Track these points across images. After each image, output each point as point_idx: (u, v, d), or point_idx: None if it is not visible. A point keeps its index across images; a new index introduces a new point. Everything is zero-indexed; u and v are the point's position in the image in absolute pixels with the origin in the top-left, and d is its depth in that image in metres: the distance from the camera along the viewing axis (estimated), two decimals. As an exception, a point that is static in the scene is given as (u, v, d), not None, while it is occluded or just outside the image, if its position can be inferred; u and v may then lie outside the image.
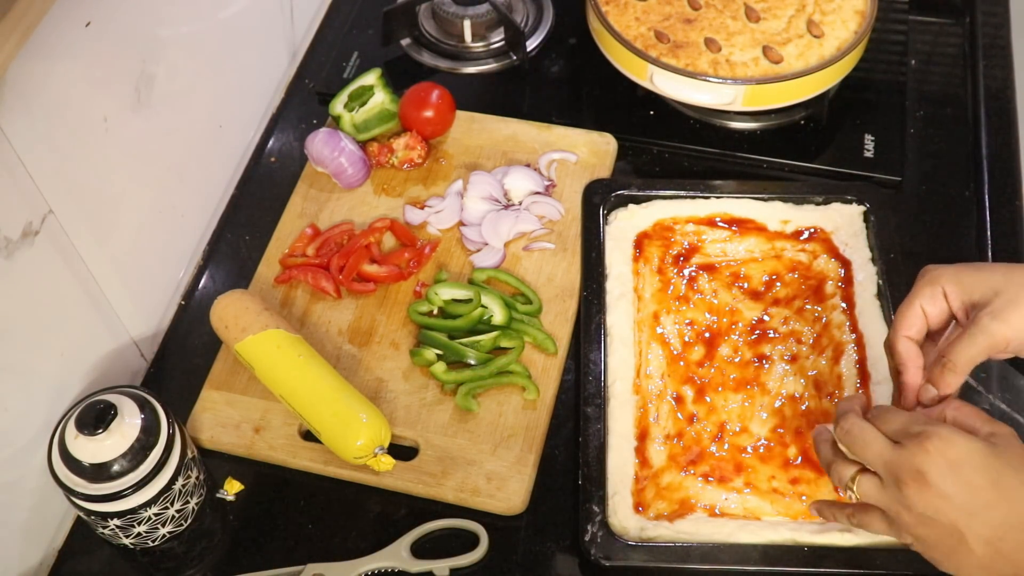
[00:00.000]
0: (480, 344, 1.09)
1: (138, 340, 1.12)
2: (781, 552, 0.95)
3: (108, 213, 1.04)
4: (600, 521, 0.97)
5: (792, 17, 1.27)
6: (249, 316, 1.07)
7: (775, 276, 1.15)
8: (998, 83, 1.36)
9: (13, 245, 0.90)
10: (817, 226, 1.18)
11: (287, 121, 1.36)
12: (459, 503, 1.01)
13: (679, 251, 1.17)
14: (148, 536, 0.98)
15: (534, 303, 1.14)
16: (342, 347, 1.12)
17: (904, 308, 0.88)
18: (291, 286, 1.17)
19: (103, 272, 1.04)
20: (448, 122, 1.29)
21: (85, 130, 0.98)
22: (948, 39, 1.43)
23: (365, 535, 1.01)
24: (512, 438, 1.05)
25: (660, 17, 1.29)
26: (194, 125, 1.19)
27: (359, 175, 1.24)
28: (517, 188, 1.24)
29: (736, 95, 1.22)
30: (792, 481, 1.01)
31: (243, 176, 1.30)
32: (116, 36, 1.00)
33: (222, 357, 1.11)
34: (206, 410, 1.07)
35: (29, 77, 0.88)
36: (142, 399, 0.95)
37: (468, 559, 0.98)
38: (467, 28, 1.39)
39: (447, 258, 1.19)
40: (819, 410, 1.05)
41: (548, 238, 1.20)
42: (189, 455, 0.98)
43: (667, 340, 1.11)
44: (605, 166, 1.27)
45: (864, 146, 1.28)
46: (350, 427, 0.99)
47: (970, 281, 0.85)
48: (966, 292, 0.85)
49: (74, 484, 0.91)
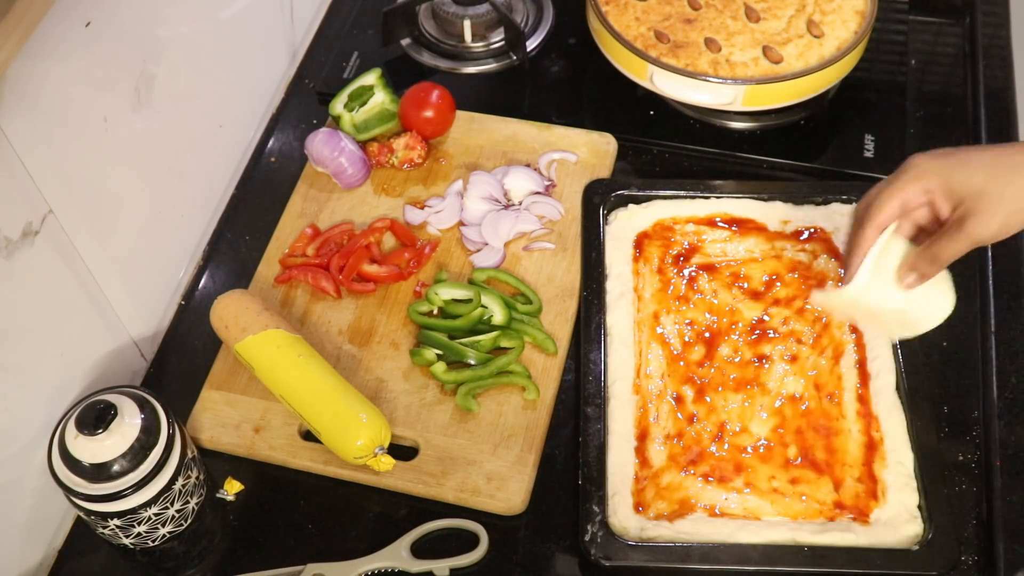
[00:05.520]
0: (480, 344, 1.09)
1: (138, 340, 1.12)
2: (781, 552, 0.95)
3: (108, 213, 1.04)
4: (600, 521, 0.97)
5: (792, 17, 1.27)
6: (249, 316, 1.07)
7: (775, 276, 1.15)
8: (998, 83, 1.36)
9: (13, 245, 0.90)
10: (817, 226, 1.18)
11: (287, 121, 1.36)
12: (459, 503, 1.01)
13: (679, 251, 1.17)
14: (148, 536, 0.98)
15: (534, 303, 1.14)
16: (342, 347, 1.12)
17: (885, 199, 0.88)
18: (291, 286, 1.17)
19: (103, 272, 1.04)
20: (448, 122, 1.29)
21: (85, 130, 0.98)
22: (948, 39, 1.43)
23: (365, 535, 1.01)
24: (512, 438, 1.05)
25: (660, 17, 1.29)
26: (194, 125, 1.19)
27: (359, 175, 1.24)
28: (517, 188, 1.24)
29: (736, 95, 1.22)
30: (792, 481, 1.01)
31: (243, 176, 1.30)
32: (116, 36, 1.00)
33: (222, 357, 1.11)
34: (206, 410, 1.07)
35: (29, 77, 0.88)
36: (142, 399, 0.95)
37: (468, 559, 0.98)
38: (467, 28, 1.39)
39: (447, 258, 1.19)
40: (819, 410, 1.05)
41: (548, 238, 1.20)
42: (189, 455, 0.98)
43: (667, 340, 1.11)
44: (605, 166, 1.27)
45: (864, 146, 1.28)
46: (350, 427, 0.99)
47: (957, 180, 0.85)
48: (952, 191, 0.86)
49: (74, 484, 0.91)
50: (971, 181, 0.84)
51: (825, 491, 1.00)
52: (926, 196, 0.87)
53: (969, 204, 0.85)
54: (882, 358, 1.07)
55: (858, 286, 0.95)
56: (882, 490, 0.99)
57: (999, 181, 0.84)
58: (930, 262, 0.88)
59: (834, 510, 0.99)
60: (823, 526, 0.97)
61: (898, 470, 1.00)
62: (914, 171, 0.87)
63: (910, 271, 0.90)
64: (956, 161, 0.86)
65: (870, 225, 0.89)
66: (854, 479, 1.00)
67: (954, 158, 0.86)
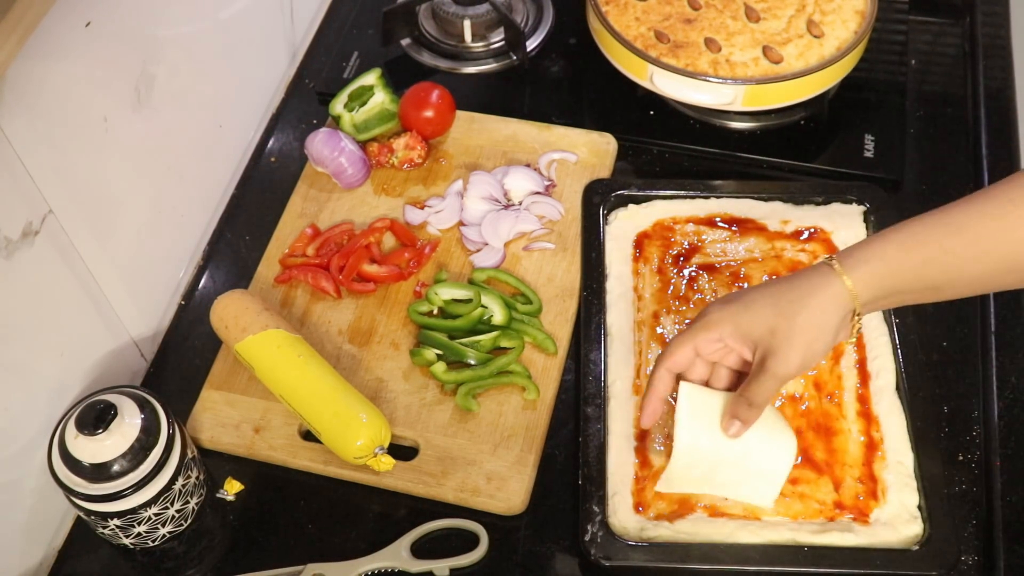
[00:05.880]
0: (480, 344, 1.09)
1: (138, 340, 1.12)
2: (781, 552, 0.95)
3: (108, 213, 1.04)
4: (600, 521, 0.97)
5: (792, 17, 1.27)
6: (249, 316, 1.07)
7: (775, 276, 1.15)
8: (998, 83, 1.36)
9: (13, 245, 0.90)
10: (817, 226, 1.18)
11: (287, 121, 1.36)
12: (459, 503, 1.01)
13: (679, 251, 1.17)
14: (148, 536, 0.98)
15: (534, 303, 1.14)
16: (342, 347, 1.12)
17: (676, 345, 0.90)
18: (291, 286, 1.17)
19: (103, 272, 1.04)
20: (448, 122, 1.29)
21: (85, 130, 0.98)
22: (948, 39, 1.43)
23: (365, 535, 1.01)
24: (512, 438, 1.05)
25: (660, 17, 1.29)
26: (194, 125, 1.19)
27: (359, 175, 1.24)
28: (517, 188, 1.24)
29: (736, 95, 1.22)
30: (792, 481, 1.00)
31: (243, 176, 1.30)
32: (116, 36, 1.00)
33: (222, 357, 1.11)
34: (206, 410, 1.07)
35: (29, 77, 0.88)
36: (142, 399, 0.95)
37: (468, 559, 0.98)
38: (467, 28, 1.39)
39: (447, 258, 1.19)
40: (819, 410, 1.05)
41: (548, 238, 1.20)
42: (189, 455, 0.98)
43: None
44: (605, 166, 1.27)
45: (864, 146, 1.28)
46: (350, 427, 0.99)
47: (746, 323, 0.87)
48: (744, 335, 0.88)
49: (74, 484, 0.91)
50: (758, 321, 0.86)
51: (825, 491, 1.00)
52: (720, 343, 0.89)
53: (764, 344, 0.86)
54: (882, 358, 1.07)
55: (680, 448, 0.94)
56: (882, 490, 0.99)
57: (784, 317, 0.85)
58: (747, 407, 0.90)
59: (834, 510, 0.99)
60: (823, 526, 0.97)
61: (898, 470, 1.00)
62: (704, 320, 0.88)
63: (731, 419, 0.91)
64: (740, 306, 0.87)
65: (661, 367, 0.91)
66: (854, 479, 1.00)
67: (739, 303, 0.88)
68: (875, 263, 0.84)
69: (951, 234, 0.83)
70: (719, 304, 0.89)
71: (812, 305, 0.85)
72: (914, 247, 0.84)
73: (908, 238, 0.84)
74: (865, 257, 0.85)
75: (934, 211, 0.86)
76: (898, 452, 1.01)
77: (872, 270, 0.84)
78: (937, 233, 0.83)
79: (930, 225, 0.84)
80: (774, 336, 0.85)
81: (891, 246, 0.84)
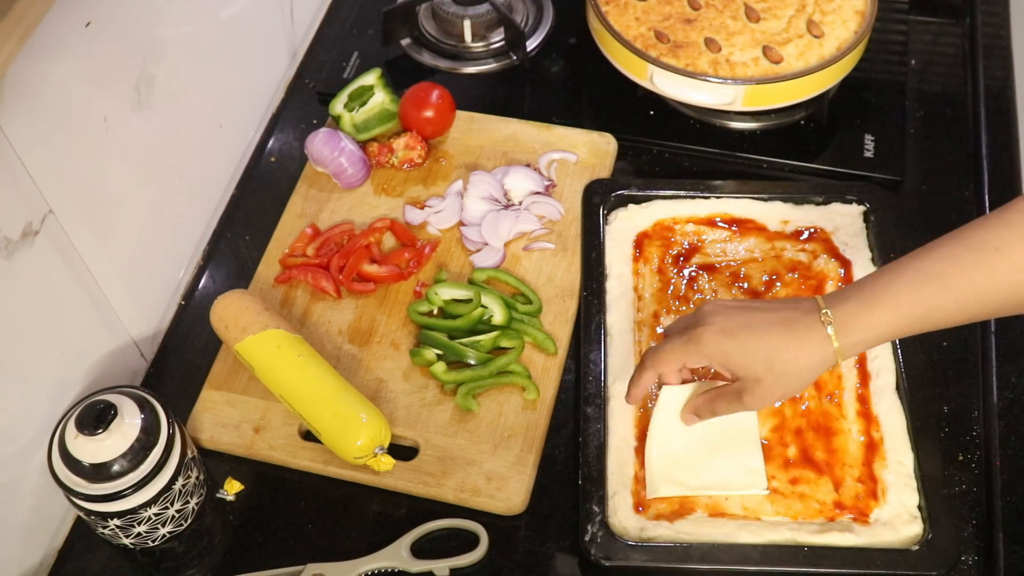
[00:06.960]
0: (480, 344, 1.09)
1: (138, 340, 1.12)
2: (781, 552, 0.95)
3: (108, 213, 1.04)
4: (600, 521, 0.97)
5: (792, 17, 1.27)
6: (249, 316, 1.07)
7: (775, 276, 1.15)
8: (998, 83, 1.36)
9: (13, 245, 0.90)
10: (817, 226, 1.18)
11: (287, 121, 1.36)
12: (459, 503, 1.01)
13: (679, 251, 1.17)
14: (148, 536, 0.98)
15: (534, 303, 1.14)
16: (342, 347, 1.12)
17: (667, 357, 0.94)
18: (291, 286, 1.17)
19: (103, 272, 1.04)
20: (448, 122, 1.29)
21: (85, 130, 0.98)
22: (948, 39, 1.43)
23: (365, 535, 1.01)
24: (512, 438, 1.05)
25: (660, 17, 1.29)
26: (194, 125, 1.19)
27: (359, 175, 1.24)
28: (517, 188, 1.24)
29: (736, 95, 1.22)
30: (792, 481, 1.01)
31: (243, 176, 1.30)
32: (116, 36, 1.00)
33: (222, 357, 1.11)
34: (206, 410, 1.08)
35: (29, 77, 0.88)
36: (142, 399, 0.95)
37: (468, 559, 0.98)
38: (467, 28, 1.39)
39: (447, 258, 1.19)
40: (819, 410, 1.05)
41: (548, 238, 1.20)
42: (189, 455, 0.98)
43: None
44: (605, 166, 1.27)
45: (864, 146, 1.28)
46: (350, 427, 0.99)
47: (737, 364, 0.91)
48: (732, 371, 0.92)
49: (74, 484, 0.91)
50: (749, 369, 0.90)
51: (825, 491, 1.00)
52: (707, 363, 0.93)
53: (748, 384, 0.91)
54: (882, 358, 1.07)
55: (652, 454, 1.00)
56: (882, 490, 0.99)
57: (773, 374, 0.90)
58: (708, 411, 0.97)
59: (834, 510, 0.99)
60: (823, 526, 0.97)
61: (898, 470, 1.00)
62: (698, 345, 0.91)
63: (691, 415, 0.98)
64: (736, 346, 0.90)
65: (650, 369, 0.95)
66: (854, 479, 1.00)
67: (735, 342, 0.91)
68: (867, 333, 0.88)
69: (939, 293, 0.86)
70: (713, 332, 0.91)
71: (801, 366, 0.89)
72: (906, 315, 0.87)
73: (898, 306, 0.87)
74: (859, 327, 0.88)
75: (922, 256, 0.88)
76: (898, 452, 1.01)
77: (863, 340, 0.88)
78: (925, 293, 0.86)
79: (915, 284, 0.87)
80: (759, 384, 0.91)
81: (885, 315, 0.87)
